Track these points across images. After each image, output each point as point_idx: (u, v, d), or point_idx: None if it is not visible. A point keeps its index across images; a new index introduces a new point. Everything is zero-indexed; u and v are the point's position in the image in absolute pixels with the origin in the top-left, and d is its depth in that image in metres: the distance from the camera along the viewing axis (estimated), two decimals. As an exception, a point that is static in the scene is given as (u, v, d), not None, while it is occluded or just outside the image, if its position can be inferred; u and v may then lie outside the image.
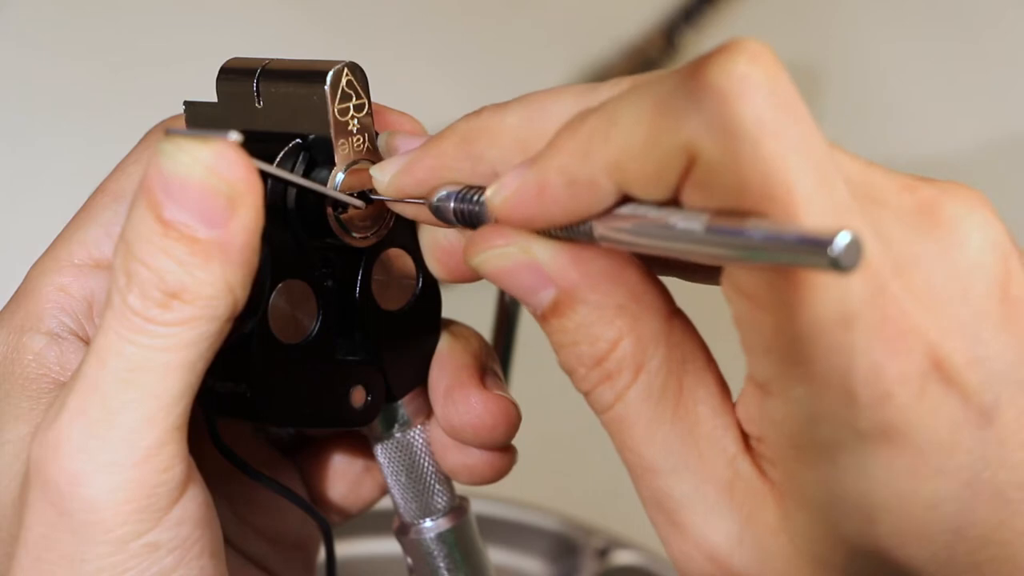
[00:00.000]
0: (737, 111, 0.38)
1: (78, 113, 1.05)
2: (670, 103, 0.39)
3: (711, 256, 0.39)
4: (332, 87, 0.48)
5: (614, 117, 0.41)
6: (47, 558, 0.45)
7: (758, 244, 0.37)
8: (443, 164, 0.46)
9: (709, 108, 0.38)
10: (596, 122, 0.41)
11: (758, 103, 0.38)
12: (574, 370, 0.45)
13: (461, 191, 0.46)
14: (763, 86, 0.38)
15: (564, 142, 0.42)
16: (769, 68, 0.39)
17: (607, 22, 1.11)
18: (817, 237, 0.35)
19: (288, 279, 0.48)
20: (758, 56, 0.39)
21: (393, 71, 0.70)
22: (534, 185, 0.43)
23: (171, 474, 0.45)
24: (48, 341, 0.49)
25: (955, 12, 1.12)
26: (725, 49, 0.39)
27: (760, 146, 0.38)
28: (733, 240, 0.38)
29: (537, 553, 0.82)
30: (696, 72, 0.39)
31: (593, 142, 0.41)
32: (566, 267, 0.44)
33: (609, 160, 0.41)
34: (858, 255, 0.35)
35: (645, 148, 0.40)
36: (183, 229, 0.43)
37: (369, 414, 0.51)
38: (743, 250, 0.38)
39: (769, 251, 0.37)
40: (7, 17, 1.09)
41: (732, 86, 0.38)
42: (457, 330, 0.53)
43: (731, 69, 0.38)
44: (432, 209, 0.47)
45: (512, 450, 0.53)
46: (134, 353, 0.44)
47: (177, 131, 0.44)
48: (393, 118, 0.51)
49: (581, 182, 0.42)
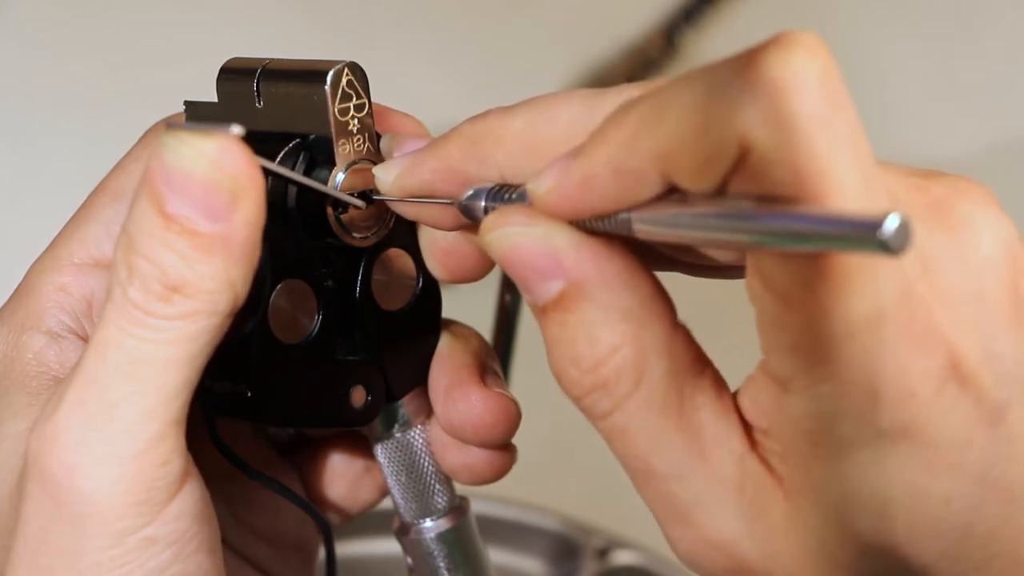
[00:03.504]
0: (794, 105, 0.38)
1: (78, 113, 1.05)
2: (724, 93, 0.39)
3: (755, 244, 0.39)
4: (332, 87, 0.48)
5: (664, 106, 0.40)
6: (44, 551, 0.45)
7: (807, 228, 0.37)
8: (448, 166, 0.46)
9: (765, 100, 0.38)
10: (644, 110, 0.41)
11: (814, 97, 0.38)
12: (564, 371, 0.44)
13: (493, 189, 0.46)
14: (819, 81, 0.38)
15: (611, 131, 0.42)
16: (824, 62, 0.39)
17: (607, 22, 1.11)
18: (869, 219, 0.36)
19: (288, 279, 0.48)
20: (814, 50, 0.39)
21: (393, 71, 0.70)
22: (580, 175, 0.42)
23: (169, 468, 0.45)
24: (48, 340, 0.49)
25: (955, 12, 1.12)
26: (780, 41, 0.39)
27: (814, 140, 0.38)
28: (782, 225, 0.38)
29: (537, 553, 0.82)
30: (751, 63, 0.39)
31: (641, 131, 0.41)
32: (584, 259, 0.43)
33: (658, 149, 0.40)
34: (907, 238, 0.35)
35: (696, 137, 0.39)
36: (185, 223, 0.43)
37: (369, 414, 0.51)
38: (790, 236, 0.38)
39: (818, 236, 0.37)
40: (7, 17, 1.09)
41: (789, 80, 0.38)
42: (457, 330, 0.53)
43: (789, 62, 0.38)
44: (460, 208, 0.46)
45: (512, 449, 0.53)
46: (134, 346, 0.44)
47: (180, 125, 0.44)
48: (394, 118, 0.51)
49: (628, 171, 0.41)
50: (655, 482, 0.44)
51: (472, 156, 0.46)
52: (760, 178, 0.39)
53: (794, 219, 0.38)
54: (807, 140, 0.38)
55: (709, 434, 0.43)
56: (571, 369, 0.44)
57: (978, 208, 0.42)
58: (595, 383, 0.43)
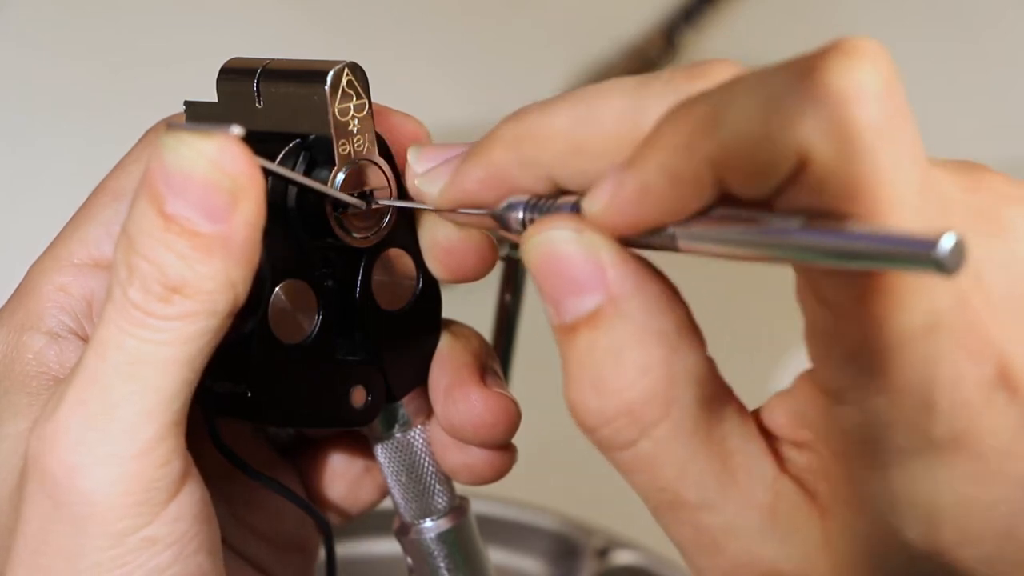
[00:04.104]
0: (857, 117, 0.38)
1: (78, 113, 1.05)
2: (785, 102, 0.38)
3: (805, 260, 0.38)
4: (332, 87, 0.48)
5: (721, 110, 0.39)
6: (44, 551, 0.45)
7: (860, 247, 0.37)
8: (494, 174, 0.45)
9: (828, 111, 0.38)
10: (700, 114, 0.40)
11: (877, 110, 0.38)
12: (585, 398, 0.42)
13: (530, 201, 0.45)
14: (882, 92, 0.38)
15: (665, 137, 0.40)
16: (887, 73, 0.38)
17: (607, 22, 1.11)
18: (923, 239, 0.35)
19: (288, 279, 0.48)
20: (878, 59, 0.38)
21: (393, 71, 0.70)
22: (636, 186, 0.41)
23: (169, 468, 0.45)
24: (48, 340, 0.49)
25: (955, 12, 1.12)
26: (843, 49, 0.38)
27: (876, 154, 0.38)
28: (835, 244, 0.37)
29: (537, 553, 0.82)
30: (813, 72, 0.38)
31: (698, 136, 0.40)
32: (627, 276, 0.42)
33: (715, 154, 0.39)
34: (962, 257, 0.35)
35: (756, 145, 0.39)
36: (185, 223, 0.43)
37: (369, 414, 0.51)
38: (842, 255, 0.37)
39: (871, 255, 0.37)
40: (7, 17, 1.09)
41: (852, 90, 0.38)
42: (457, 330, 0.53)
43: (852, 72, 0.38)
44: (496, 218, 0.46)
45: (512, 449, 0.53)
46: (134, 346, 0.44)
47: (179, 125, 0.44)
48: (394, 118, 0.51)
49: (686, 178, 0.40)
50: (682, 513, 0.42)
51: (517, 160, 0.45)
52: (817, 189, 0.38)
53: (847, 238, 0.37)
54: (869, 154, 0.38)
55: (739, 460, 0.42)
56: (592, 395, 0.42)
57: (1020, 211, 0.41)
58: (619, 409, 0.41)
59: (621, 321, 0.41)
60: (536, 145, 0.44)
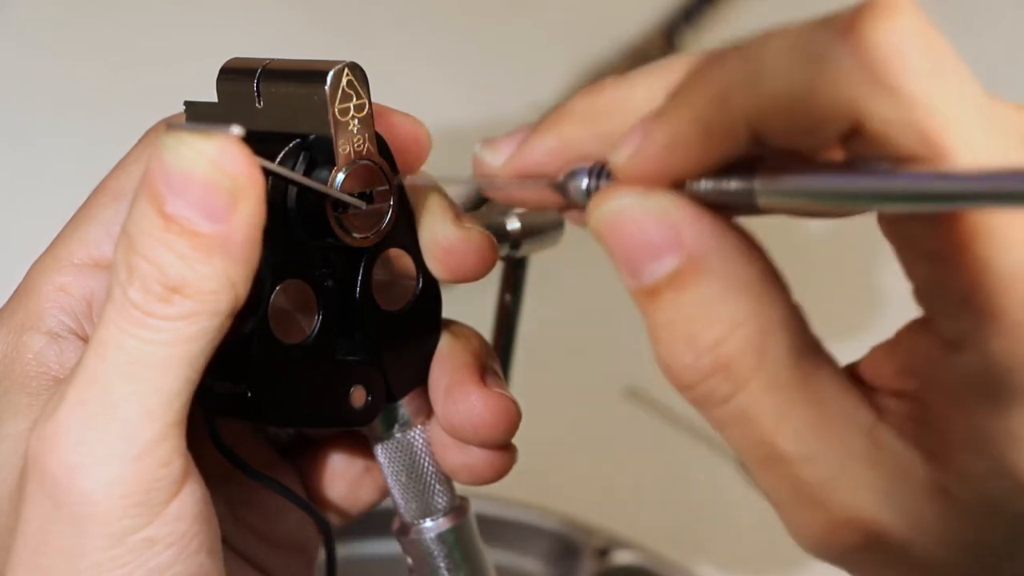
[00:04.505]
0: (905, 69, 0.38)
1: (78, 113, 1.05)
2: (828, 58, 0.38)
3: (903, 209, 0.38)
4: (332, 87, 0.48)
5: (759, 64, 0.39)
6: (44, 551, 0.45)
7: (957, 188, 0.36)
8: (566, 146, 0.45)
9: (875, 67, 0.38)
10: (737, 67, 0.40)
11: (922, 59, 0.38)
12: (678, 357, 0.41)
13: (596, 168, 0.44)
14: (923, 42, 0.38)
15: (698, 87, 0.40)
16: (923, 23, 0.38)
17: (607, 22, 1.11)
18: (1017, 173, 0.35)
19: (288, 279, 0.48)
20: (910, 11, 0.38)
21: (393, 71, 0.70)
22: (664, 136, 0.40)
23: (169, 469, 0.45)
24: (48, 340, 0.49)
25: (955, 12, 1.12)
26: (879, 6, 0.38)
27: (931, 101, 0.38)
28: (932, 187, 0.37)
29: (537, 553, 0.82)
30: (853, 28, 0.38)
31: (735, 89, 0.39)
32: (703, 232, 0.41)
33: (754, 109, 0.39)
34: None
35: (802, 102, 0.39)
36: (185, 223, 0.43)
37: (369, 414, 0.51)
38: (941, 197, 0.37)
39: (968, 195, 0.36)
40: (7, 17, 1.09)
41: (895, 45, 0.38)
42: (457, 330, 0.53)
43: (892, 28, 0.38)
44: (558, 187, 0.45)
45: (512, 449, 0.53)
46: (134, 347, 0.44)
47: (179, 125, 0.44)
48: (394, 118, 0.51)
49: (718, 131, 0.40)
50: (780, 467, 0.42)
51: (592, 133, 0.44)
52: (881, 144, 0.38)
53: (942, 179, 0.37)
54: (924, 103, 0.38)
55: (835, 409, 0.41)
56: (686, 353, 0.41)
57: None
58: (715, 364, 0.41)
59: (705, 277, 0.41)
60: (613, 118, 0.44)
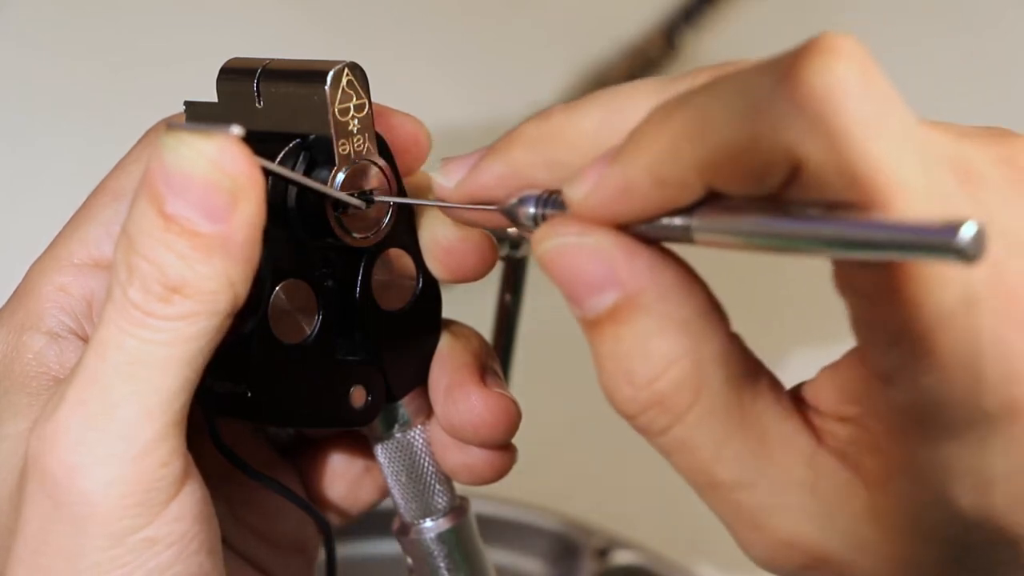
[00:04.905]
0: (842, 114, 0.38)
1: (78, 113, 1.05)
2: (766, 106, 0.38)
3: (826, 252, 0.38)
4: (332, 87, 0.48)
5: (704, 116, 0.40)
6: (44, 551, 0.45)
7: (881, 238, 0.37)
8: (514, 171, 0.45)
9: (811, 113, 0.38)
10: (685, 120, 0.40)
11: (860, 104, 0.38)
12: (619, 389, 0.43)
13: (542, 195, 0.45)
14: (862, 85, 0.38)
15: (650, 140, 0.41)
16: (864, 65, 0.38)
17: (607, 22, 1.11)
18: (943, 228, 0.35)
19: (288, 279, 0.48)
20: (852, 54, 0.38)
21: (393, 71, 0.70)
22: (619, 182, 0.41)
23: (169, 469, 0.45)
24: (48, 340, 0.49)
25: (955, 12, 1.12)
26: (817, 49, 0.38)
27: (869, 147, 0.38)
28: (855, 234, 0.37)
29: (537, 553, 0.82)
30: (791, 74, 0.38)
31: (683, 142, 0.40)
32: (639, 270, 0.42)
33: (702, 160, 0.40)
34: (983, 244, 0.35)
35: (744, 151, 0.39)
36: (185, 223, 0.43)
37: (369, 414, 0.51)
38: (864, 245, 0.37)
39: (892, 244, 0.36)
40: (7, 17, 1.09)
41: (832, 89, 0.38)
42: (457, 330, 0.53)
43: (829, 71, 0.38)
44: (506, 213, 0.46)
45: (512, 449, 0.53)
46: (134, 346, 0.44)
47: (179, 125, 0.44)
48: (394, 118, 0.51)
49: (671, 181, 0.40)
50: (721, 492, 0.43)
51: (540, 160, 0.45)
52: (817, 188, 0.38)
53: (866, 227, 0.37)
54: (862, 148, 0.38)
55: (774, 437, 0.42)
56: (625, 386, 0.42)
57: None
58: (651, 399, 0.42)
59: (641, 314, 0.42)
60: (561, 146, 0.44)
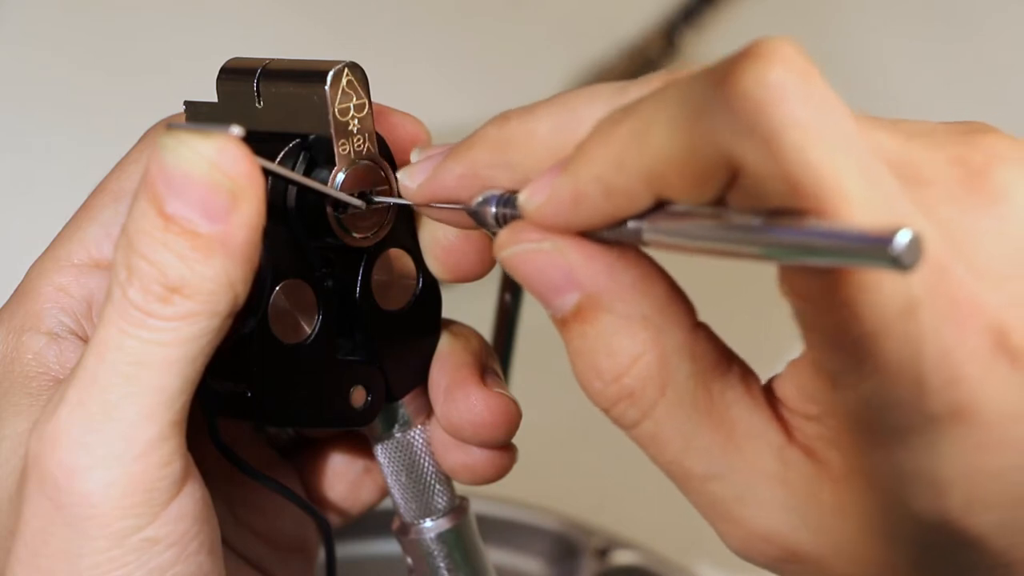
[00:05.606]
0: (776, 119, 0.37)
1: (78, 113, 1.05)
2: (704, 112, 0.38)
3: (767, 257, 0.38)
4: (332, 87, 0.48)
5: (647, 126, 0.40)
6: (44, 552, 0.45)
7: (817, 244, 0.37)
8: (474, 172, 0.46)
9: (747, 118, 0.38)
10: (628, 130, 0.41)
11: (796, 108, 0.38)
12: (590, 383, 0.44)
13: (503, 196, 0.46)
14: (798, 90, 0.38)
15: (597, 151, 0.42)
16: (801, 69, 0.38)
17: (607, 22, 1.11)
18: (877, 236, 0.35)
19: (288, 279, 0.48)
20: (788, 59, 0.38)
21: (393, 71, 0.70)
22: (569, 192, 0.42)
23: (170, 469, 0.45)
24: (48, 341, 0.49)
25: (955, 12, 1.12)
26: (753, 54, 0.38)
27: (805, 152, 0.37)
28: (791, 240, 0.37)
29: (537, 553, 0.82)
30: (727, 80, 0.38)
31: (627, 151, 0.41)
32: (596, 272, 0.43)
33: (646, 170, 0.40)
34: (919, 252, 0.35)
35: (684, 159, 0.39)
36: (184, 224, 0.43)
37: (369, 414, 0.51)
38: (801, 251, 0.37)
39: (827, 251, 0.37)
40: (7, 17, 1.09)
41: (767, 94, 0.38)
42: (457, 330, 0.53)
43: (764, 76, 0.38)
44: (471, 213, 0.46)
45: (512, 449, 0.53)
46: (134, 347, 0.44)
47: (179, 125, 0.44)
48: (394, 118, 0.51)
49: (618, 191, 0.41)
50: (694, 484, 0.44)
51: (499, 162, 0.46)
52: (756, 194, 0.38)
53: (802, 234, 0.37)
54: (797, 153, 0.37)
55: (743, 430, 0.43)
56: (595, 381, 0.44)
57: (1016, 177, 0.41)
58: (619, 394, 0.43)
59: (602, 313, 0.43)
60: (518, 149, 0.45)
